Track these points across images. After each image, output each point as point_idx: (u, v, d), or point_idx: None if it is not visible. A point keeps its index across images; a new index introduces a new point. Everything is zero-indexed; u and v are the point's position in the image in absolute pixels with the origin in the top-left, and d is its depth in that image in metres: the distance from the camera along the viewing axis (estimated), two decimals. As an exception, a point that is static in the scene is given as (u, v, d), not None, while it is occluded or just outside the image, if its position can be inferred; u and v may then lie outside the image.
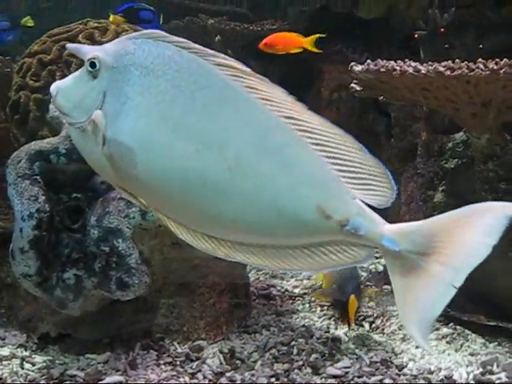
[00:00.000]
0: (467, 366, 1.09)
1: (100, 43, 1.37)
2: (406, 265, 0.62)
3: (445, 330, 1.22)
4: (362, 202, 0.63)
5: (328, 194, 0.62)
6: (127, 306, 1.11)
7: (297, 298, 1.38)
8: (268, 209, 0.62)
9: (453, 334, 1.21)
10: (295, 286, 1.45)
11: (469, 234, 0.61)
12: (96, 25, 1.46)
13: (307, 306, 1.35)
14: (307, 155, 0.62)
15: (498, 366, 1.08)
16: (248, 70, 0.63)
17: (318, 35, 1.63)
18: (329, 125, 0.63)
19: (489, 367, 1.08)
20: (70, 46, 0.67)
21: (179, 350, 1.12)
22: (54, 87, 0.67)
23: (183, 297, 1.14)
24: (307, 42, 1.65)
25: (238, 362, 1.10)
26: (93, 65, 0.64)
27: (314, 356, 1.10)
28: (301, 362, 1.09)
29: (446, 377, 1.06)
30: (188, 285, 1.14)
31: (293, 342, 1.15)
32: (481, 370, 1.07)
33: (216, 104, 0.62)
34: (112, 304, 1.10)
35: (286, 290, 1.42)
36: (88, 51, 0.65)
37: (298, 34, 1.69)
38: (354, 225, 0.62)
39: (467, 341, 1.19)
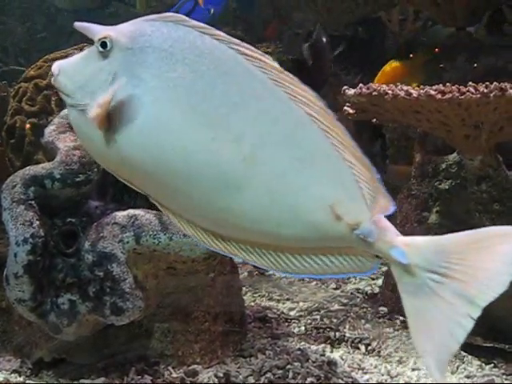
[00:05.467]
0: (463, 389, 1.09)
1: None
2: (414, 282, 0.58)
3: (441, 352, 1.22)
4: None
5: (342, 195, 0.59)
6: (122, 330, 1.11)
7: (292, 321, 1.38)
8: (279, 205, 0.59)
9: (449, 356, 1.20)
10: (291, 309, 1.44)
11: (486, 261, 0.57)
12: (92, 50, 1.47)
13: (303, 328, 1.34)
14: (327, 153, 0.59)
15: (494, 389, 1.08)
16: (276, 64, 0.60)
17: None
18: (344, 133, 0.60)
19: (485, 390, 1.07)
20: (77, 24, 0.62)
21: (174, 375, 1.11)
22: (55, 66, 0.63)
23: (178, 321, 1.14)
24: None
25: (233, 386, 1.09)
26: (104, 44, 0.60)
27: (309, 380, 1.10)
28: (296, 386, 1.08)
29: (442, 400, 1.06)
30: (183, 309, 1.14)
31: (288, 366, 1.14)
32: (477, 392, 1.07)
33: (237, 92, 0.59)
34: (106, 329, 1.09)
35: (282, 313, 1.41)
36: (99, 30, 0.61)
37: None
38: (364, 230, 0.59)
39: (463, 363, 1.18)
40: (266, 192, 0.59)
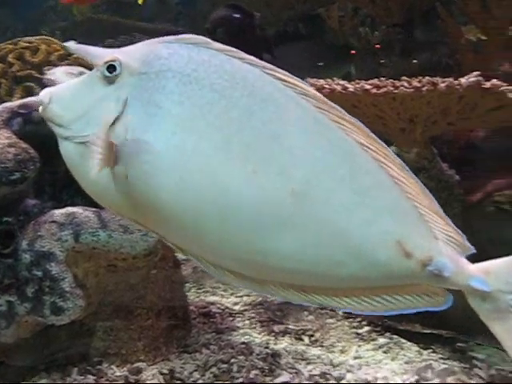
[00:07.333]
0: (403, 375, 1.12)
1: (31, 63, 1.36)
2: (498, 306, 0.56)
3: (381, 340, 1.25)
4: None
5: (410, 230, 0.54)
6: (63, 330, 1.09)
7: (237, 315, 1.39)
8: (337, 243, 0.53)
9: (389, 343, 1.24)
10: (235, 303, 1.45)
11: None
12: (26, 44, 1.44)
13: (247, 322, 1.35)
14: (387, 185, 0.55)
15: (432, 373, 1.11)
16: (318, 94, 0.55)
17: None
18: (401, 165, 0.56)
19: (423, 374, 1.11)
20: (75, 47, 0.55)
21: (118, 374, 1.10)
22: (45, 93, 0.55)
23: (120, 319, 1.13)
24: None
25: (178, 382, 1.09)
26: (111, 68, 0.54)
27: (253, 372, 1.11)
28: (241, 379, 1.09)
29: (382, 386, 1.09)
30: (125, 306, 1.13)
31: (233, 360, 1.15)
32: (416, 377, 1.11)
33: (278, 121, 0.53)
34: (47, 329, 1.07)
35: (226, 308, 1.42)
36: (104, 53, 0.55)
37: None
38: (437, 265, 0.55)
39: (403, 349, 1.22)
40: (319, 229, 0.52)
